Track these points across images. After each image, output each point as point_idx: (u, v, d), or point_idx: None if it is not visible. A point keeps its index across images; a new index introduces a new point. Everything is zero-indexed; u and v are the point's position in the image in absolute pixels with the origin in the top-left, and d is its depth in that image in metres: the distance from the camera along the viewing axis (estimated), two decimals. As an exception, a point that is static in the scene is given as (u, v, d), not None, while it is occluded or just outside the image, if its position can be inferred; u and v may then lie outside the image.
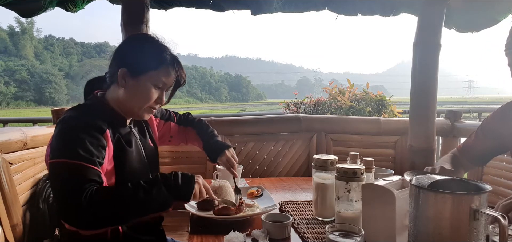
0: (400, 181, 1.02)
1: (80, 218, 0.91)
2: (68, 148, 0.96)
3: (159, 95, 1.13)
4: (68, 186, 0.92)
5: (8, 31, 67.20)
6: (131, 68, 1.09)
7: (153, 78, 1.10)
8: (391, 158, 2.30)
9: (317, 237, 1.07)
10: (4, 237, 1.22)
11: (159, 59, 1.10)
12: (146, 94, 1.10)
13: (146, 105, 1.12)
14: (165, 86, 1.14)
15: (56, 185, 0.96)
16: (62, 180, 0.94)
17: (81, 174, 0.94)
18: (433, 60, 2.07)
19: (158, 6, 2.26)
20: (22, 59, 62.81)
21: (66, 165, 0.94)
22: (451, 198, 0.78)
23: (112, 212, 0.93)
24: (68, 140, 0.97)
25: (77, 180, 0.93)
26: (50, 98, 57.05)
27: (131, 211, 0.95)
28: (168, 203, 0.97)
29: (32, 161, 1.49)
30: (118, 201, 0.94)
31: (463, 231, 0.77)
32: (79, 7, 2.15)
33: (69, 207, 0.91)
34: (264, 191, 1.45)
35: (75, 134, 0.98)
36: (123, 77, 1.09)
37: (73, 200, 0.90)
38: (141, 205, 0.94)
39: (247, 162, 2.22)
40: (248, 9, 2.32)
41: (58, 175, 0.95)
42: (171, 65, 1.12)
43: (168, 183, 0.98)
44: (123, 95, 1.11)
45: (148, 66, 1.09)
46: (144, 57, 1.10)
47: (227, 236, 1.02)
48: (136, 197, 0.93)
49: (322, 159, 1.25)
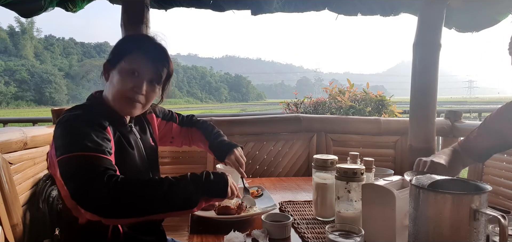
0: (400, 181, 1.03)
1: (102, 203, 0.87)
2: (76, 142, 0.94)
3: (136, 83, 1.09)
4: (85, 175, 0.89)
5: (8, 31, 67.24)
6: (111, 59, 1.12)
7: (127, 64, 1.09)
8: (391, 158, 2.30)
9: (317, 237, 1.07)
10: (4, 237, 1.22)
11: (133, 45, 1.12)
12: (120, 81, 1.08)
13: (123, 94, 1.08)
14: (143, 74, 1.09)
15: (71, 178, 0.91)
16: (77, 171, 0.90)
17: (96, 162, 0.91)
18: (433, 60, 2.07)
19: (158, 6, 2.26)
20: (22, 59, 62.81)
21: (77, 157, 0.91)
22: (451, 198, 0.78)
23: (135, 199, 0.89)
24: (75, 135, 0.96)
25: (93, 168, 0.90)
26: (50, 98, 57.07)
27: (155, 202, 0.90)
28: (194, 199, 0.94)
29: (32, 161, 1.49)
30: (142, 189, 0.90)
31: (463, 231, 0.77)
32: (79, 7, 2.15)
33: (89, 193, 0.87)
34: (264, 191, 1.45)
35: (80, 129, 0.97)
36: (107, 70, 1.12)
37: (93, 186, 0.87)
38: (166, 197, 0.91)
39: (247, 162, 2.21)
40: (248, 9, 2.32)
41: (72, 168, 0.91)
42: (147, 52, 1.10)
43: (198, 179, 0.95)
44: (108, 90, 1.12)
45: (122, 54, 1.10)
46: (120, 46, 1.14)
47: (227, 236, 1.02)
48: (161, 187, 0.91)
49: (322, 159, 1.25)
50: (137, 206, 0.89)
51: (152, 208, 0.91)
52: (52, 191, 1.45)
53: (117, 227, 1.09)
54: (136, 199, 0.89)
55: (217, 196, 0.99)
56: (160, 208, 0.91)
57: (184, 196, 0.93)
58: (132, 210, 0.89)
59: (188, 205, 0.94)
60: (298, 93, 5.07)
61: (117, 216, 0.90)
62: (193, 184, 0.94)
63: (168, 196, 0.91)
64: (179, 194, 0.92)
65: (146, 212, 0.91)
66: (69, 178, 0.91)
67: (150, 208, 0.91)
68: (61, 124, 1.00)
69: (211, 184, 0.97)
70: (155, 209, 0.91)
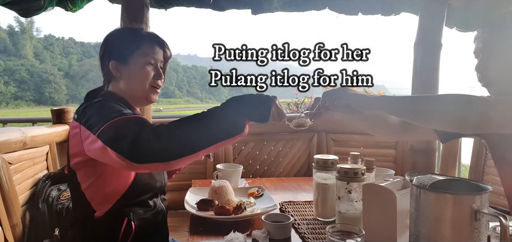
0: (401, 181, 1.02)
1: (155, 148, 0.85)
2: (113, 111, 0.95)
3: (156, 72, 1.16)
4: (132, 129, 0.87)
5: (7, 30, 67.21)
6: (118, 57, 1.13)
7: (141, 57, 1.13)
8: (392, 158, 2.29)
9: (318, 238, 1.07)
10: (4, 237, 1.22)
11: (138, 38, 1.16)
12: (142, 73, 1.13)
13: (147, 83, 1.15)
14: (157, 61, 1.16)
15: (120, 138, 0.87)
16: (124, 130, 0.89)
17: (136, 120, 0.92)
18: (434, 59, 2.07)
19: (158, 6, 2.26)
20: (21, 59, 62.79)
21: (121, 120, 0.91)
22: (452, 198, 0.77)
23: (185, 136, 0.88)
24: (109, 108, 0.98)
25: (137, 123, 0.90)
26: (49, 98, 57.08)
27: (202, 135, 0.89)
28: (240, 124, 0.91)
29: (31, 161, 1.48)
30: (188, 127, 0.89)
31: (464, 232, 0.77)
32: (78, 7, 2.15)
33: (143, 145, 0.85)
34: (264, 191, 1.44)
35: (113, 104, 1.01)
36: (115, 68, 1.13)
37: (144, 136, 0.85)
38: (212, 128, 0.90)
39: (248, 162, 2.22)
40: (248, 8, 2.32)
41: (118, 130, 0.89)
42: (152, 39, 1.17)
43: (238, 101, 0.93)
44: (124, 85, 1.15)
45: (132, 47, 1.13)
46: (125, 42, 1.15)
47: (227, 237, 1.01)
48: (205, 119, 0.91)
49: (323, 159, 1.24)
50: (186, 143, 0.88)
51: (201, 141, 0.89)
52: (51, 191, 1.45)
53: (130, 223, 1.09)
54: (184, 136, 0.88)
55: (261, 121, 0.94)
56: (208, 140, 0.89)
57: (228, 123, 0.91)
58: (183, 148, 0.88)
59: (235, 131, 0.91)
60: (298, 93, 5.07)
61: (171, 158, 0.87)
62: (235, 108, 0.92)
63: (214, 127, 0.90)
64: (222, 122, 0.91)
65: (197, 147, 0.89)
66: (117, 139, 0.88)
67: (199, 142, 0.89)
68: (91, 105, 1.02)
69: (253, 107, 0.93)
70: (204, 141, 0.89)
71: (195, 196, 1.37)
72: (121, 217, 1.08)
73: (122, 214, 1.09)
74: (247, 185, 1.65)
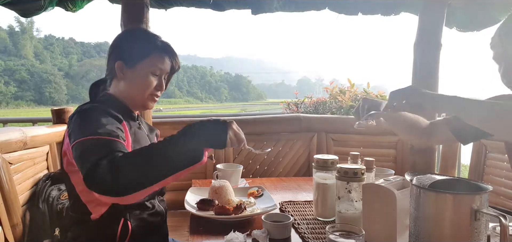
0: (400, 181, 1.02)
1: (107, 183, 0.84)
2: (90, 126, 0.94)
3: (158, 82, 1.16)
4: (94, 156, 0.87)
5: (8, 30, 67.25)
6: (126, 59, 1.13)
7: (148, 66, 1.13)
8: (392, 158, 2.29)
9: (318, 237, 1.07)
10: (4, 237, 1.22)
11: (151, 47, 1.14)
12: (144, 82, 1.13)
13: (147, 93, 1.15)
14: (162, 73, 1.17)
15: (82, 160, 0.89)
16: (88, 154, 0.89)
17: (107, 145, 0.91)
18: (434, 59, 2.07)
19: (158, 6, 2.26)
20: (22, 59, 62.85)
21: (90, 140, 0.91)
22: (452, 198, 0.77)
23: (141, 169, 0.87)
24: (90, 120, 0.97)
25: (102, 150, 0.88)
26: (50, 98, 57.12)
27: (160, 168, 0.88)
28: (199, 152, 0.90)
29: (32, 161, 1.49)
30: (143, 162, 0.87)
31: (464, 231, 0.77)
32: (79, 7, 2.15)
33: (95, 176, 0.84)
34: (264, 191, 1.44)
35: (96, 116, 0.98)
36: (121, 69, 1.13)
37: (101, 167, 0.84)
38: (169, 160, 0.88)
39: (247, 162, 2.22)
40: (248, 8, 2.32)
41: (83, 151, 0.90)
42: (164, 51, 1.16)
43: (193, 130, 0.92)
44: (124, 87, 1.15)
45: (142, 55, 1.13)
46: (137, 46, 1.14)
47: (227, 236, 1.01)
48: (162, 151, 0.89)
49: (323, 159, 1.24)
50: (143, 179, 0.87)
51: (159, 174, 0.88)
52: (52, 191, 1.45)
53: (127, 224, 1.09)
54: (139, 172, 0.87)
55: (218, 147, 0.95)
56: (166, 172, 0.88)
57: (187, 153, 0.90)
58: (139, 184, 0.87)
59: (194, 161, 0.90)
60: (298, 93, 5.07)
61: (124, 194, 0.86)
62: (193, 137, 0.91)
63: (171, 158, 0.89)
64: (181, 153, 0.90)
65: (154, 180, 0.88)
66: (80, 161, 0.90)
67: (157, 175, 0.88)
68: (78, 113, 1.01)
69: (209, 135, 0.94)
70: (162, 174, 0.88)
71: (195, 196, 1.37)
72: (117, 218, 1.08)
73: (119, 215, 1.09)
74: (247, 185, 1.65)
